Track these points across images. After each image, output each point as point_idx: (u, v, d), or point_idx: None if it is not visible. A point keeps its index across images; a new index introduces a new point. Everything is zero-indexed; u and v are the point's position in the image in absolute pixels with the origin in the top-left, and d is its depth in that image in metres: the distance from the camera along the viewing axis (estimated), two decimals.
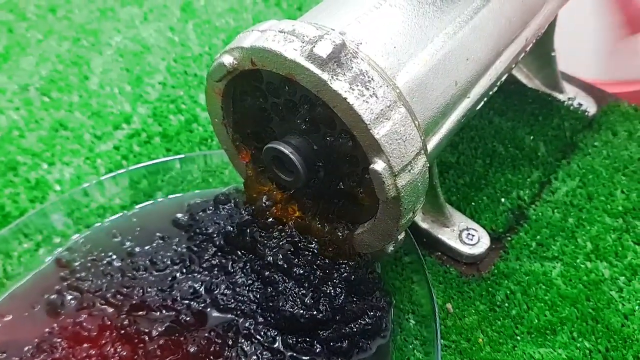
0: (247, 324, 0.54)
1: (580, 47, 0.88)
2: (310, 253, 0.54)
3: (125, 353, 0.52)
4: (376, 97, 0.43)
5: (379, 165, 0.44)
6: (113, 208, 0.66)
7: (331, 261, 0.54)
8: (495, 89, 0.59)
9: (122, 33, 0.91)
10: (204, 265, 0.58)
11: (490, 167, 0.73)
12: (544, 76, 0.81)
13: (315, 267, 0.54)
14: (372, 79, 0.44)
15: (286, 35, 0.45)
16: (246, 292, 0.55)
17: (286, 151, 0.49)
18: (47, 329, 0.54)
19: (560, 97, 0.81)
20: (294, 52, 0.43)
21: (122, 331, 0.53)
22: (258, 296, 0.55)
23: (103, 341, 0.53)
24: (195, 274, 0.57)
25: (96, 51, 0.88)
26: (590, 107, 0.80)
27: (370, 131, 0.43)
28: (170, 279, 0.57)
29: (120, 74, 0.85)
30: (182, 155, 0.69)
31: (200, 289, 0.56)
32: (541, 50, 0.76)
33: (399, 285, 0.60)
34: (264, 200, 0.56)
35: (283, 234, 0.55)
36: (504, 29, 0.57)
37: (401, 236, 0.54)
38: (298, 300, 0.52)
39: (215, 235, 0.59)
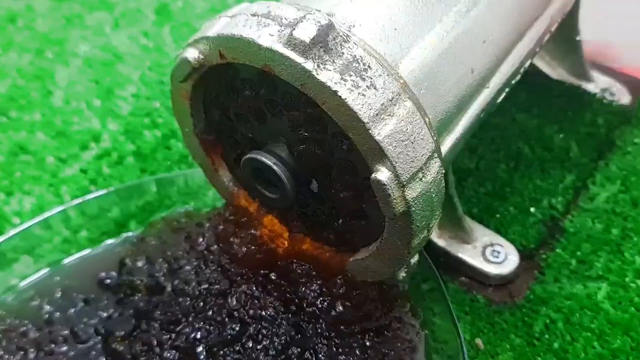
0: None
1: (607, 33, 0.85)
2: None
3: None
4: (375, 88, 0.40)
5: (382, 174, 0.40)
6: (79, 242, 0.62)
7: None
8: (519, 77, 0.57)
9: (90, 41, 0.89)
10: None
11: (515, 172, 0.71)
12: (570, 64, 0.78)
13: None
14: (369, 66, 0.41)
15: (260, 18, 0.42)
16: None
17: (269, 162, 0.47)
18: None
19: (590, 87, 0.78)
20: (269, 37, 0.40)
21: None
22: None
23: None
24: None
25: (61, 62, 0.85)
26: (624, 98, 0.78)
27: (370, 131, 0.39)
28: (94, 352, 0.53)
29: (88, 86, 0.83)
30: (158, 176, 0.68)
31: None
32: (565, 34, 0.73)
33: None
34: None
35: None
36: (525, 5, 0.55)
37: (414, 259, 0.51)
38: None
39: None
